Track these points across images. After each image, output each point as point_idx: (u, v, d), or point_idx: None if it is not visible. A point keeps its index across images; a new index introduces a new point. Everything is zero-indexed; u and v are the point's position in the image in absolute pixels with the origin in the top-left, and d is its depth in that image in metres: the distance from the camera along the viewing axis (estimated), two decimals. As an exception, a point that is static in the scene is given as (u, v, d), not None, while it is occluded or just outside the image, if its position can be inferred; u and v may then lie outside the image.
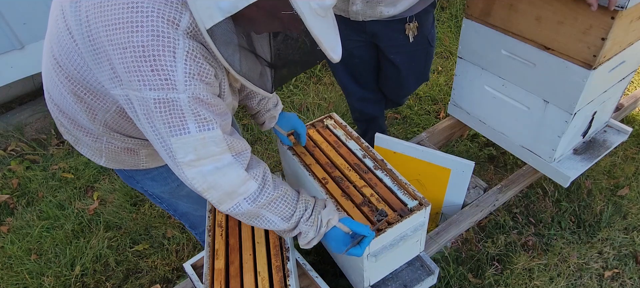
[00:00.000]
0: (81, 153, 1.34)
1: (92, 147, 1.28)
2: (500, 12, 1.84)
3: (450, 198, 2.09)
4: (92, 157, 1.32)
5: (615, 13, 1.47)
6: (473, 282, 2.09)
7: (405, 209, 1.43)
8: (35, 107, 3.37)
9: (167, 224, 2.51)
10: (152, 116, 0.96)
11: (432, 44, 2.09)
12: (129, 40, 0.89)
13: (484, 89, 2.12)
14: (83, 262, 2.33)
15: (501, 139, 2.21)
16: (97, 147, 1.27)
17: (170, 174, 1.44)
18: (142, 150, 1.31)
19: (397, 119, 3.14)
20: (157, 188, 1.49)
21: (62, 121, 1.25)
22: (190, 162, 1.02)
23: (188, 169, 1.03)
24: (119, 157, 1.30)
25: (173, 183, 1.48)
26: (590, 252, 2.17)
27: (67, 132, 1.29)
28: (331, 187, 1.55)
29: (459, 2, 4.17)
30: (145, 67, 0.90)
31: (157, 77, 0.91)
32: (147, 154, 1.33)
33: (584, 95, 1.73)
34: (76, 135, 1.27)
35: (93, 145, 1.27)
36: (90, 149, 1.29)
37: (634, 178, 2.50)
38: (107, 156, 1.30)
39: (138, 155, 1.32)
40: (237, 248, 1.40)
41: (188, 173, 1.04)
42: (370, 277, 1.54)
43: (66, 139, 1.33)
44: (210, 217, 1.50)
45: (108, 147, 1.27)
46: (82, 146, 1.30)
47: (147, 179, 1.45)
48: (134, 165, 1.35)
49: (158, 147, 1.03)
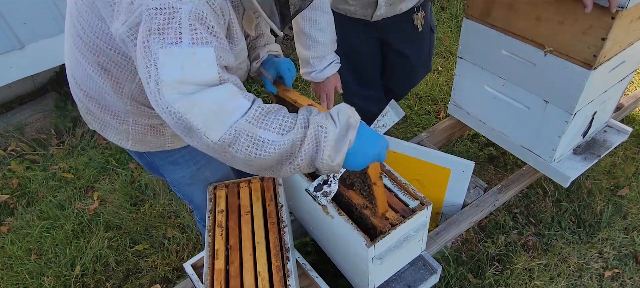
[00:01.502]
0: (108, 139, 1.36)
1: (119, 130, 1.32)
2: (500, 12, 1.84)
3: (451, 198, 2.09)
4: (119, 141, 1.34)
5: (615, 13, 1.47)
6: (473, 282, 2.09)
7: (407, 210, 1.43)
8: (35, 107, 3.37)
9: (167, 224, 2.51)
10: (148, 31, 0.91)
11: (434, 30, 2.20)
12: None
13: (484, 89, 2.12)
14: (83, 262, 2.33)
15: (501, 138, 2.21)
16: (123, 129, 1.32)
17: (193, 157, 1.48)
18: (167, 130, 1.35)
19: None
20: (178, 173, 1.51)
21: (88, 107, 1.29)
22: (173, 84, 0.91)
23: (169, 92, 0.91)
24: (145, 138, 1.34)
25: (194, 166, 1.51)
26: (591, 252, 2.17)
27: (94, 119, 1.33)
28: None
29: (459, 2, 4.17)
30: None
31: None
32: (172, 134, 1.37)
33: (584, 95, 1.73)
34: (103, 120, 1.31)
35: (120, 127, 1.31)
36: (117, 133, 1.34)
37: (634, 178, 2.50)
38: (133, 138, 1.34)
39: (163, 135, 1.36)
40: (237, 248, 1.40)
41: (169, 96, 0.91)
42: (375, 279, 1.54)
43: (93, 128, 1.38)
44: (210, 217, 1.50)
45: (134, 129, 1.31)
46: (109, 130, 1.34)
47: (169, 163, 1.47)
48: (160, 146, 1.39)
49: (144, 70, 0.94)
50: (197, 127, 0.93)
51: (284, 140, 0.96)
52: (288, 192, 1.78)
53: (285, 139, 0.96)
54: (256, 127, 0.95)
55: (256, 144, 0.95)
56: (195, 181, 1.59)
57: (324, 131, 0.97)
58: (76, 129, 3.22)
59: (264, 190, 1.58)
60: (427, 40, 2.16)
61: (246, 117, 0.95)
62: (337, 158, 0.98)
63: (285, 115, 0.99)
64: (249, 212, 1.50)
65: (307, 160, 0.98)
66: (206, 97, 0.93)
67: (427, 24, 2.07)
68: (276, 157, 0.97)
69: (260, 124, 0.96)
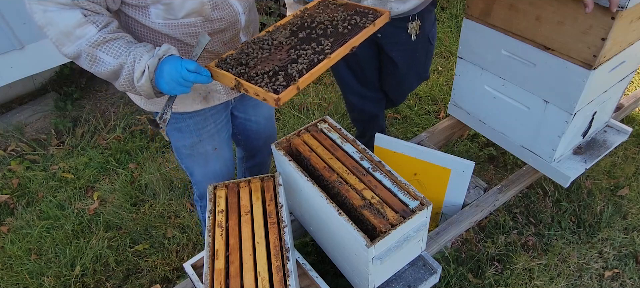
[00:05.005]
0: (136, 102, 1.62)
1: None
2: (500, 12, 1.84)
3: (450, 199, 2.09)
4: (136, 100, 1.60)
5: (615, 13, 1.47)
6: (473, 282, 2.09)
7: (407, 210, 1.43)
8: (35, 107, 3.38)
9: (167, 224, 2.51)
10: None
11: (433, 42, 2.12)
12: None
13: (484, 89, 2.12)
14: (83, 262, 2.33)
15: (501, 139, 2.21)
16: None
17: (196, 129, 1.65)
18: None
19: (397, 119, 3.14)
20: (180, 141, 1.69)
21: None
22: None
23: (33, 4, 1.16)
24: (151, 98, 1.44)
25: (196, 137, 1.67)
26: (590, 252, 2.17)
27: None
28: (331, 192, 1.54)
29: (459, 2, 4.17)
30: None
31: None
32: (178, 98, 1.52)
33: (584, 95, 1.73)
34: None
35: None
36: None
37: (634, 178, 2.50)
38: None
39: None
40: (237, 248, 1.40)
41: (33, 7, 1.16)
42: (375, 280, 1.54)
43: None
44: (210, 217, 1.50)
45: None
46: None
47: (175, 130, 1.65)
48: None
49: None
50: (52, 40, 1.22)
51: (114, 63, 1.24)
52: (288, 192, 1.78)
53: (115, 61, 1.24)
54: (97, 49, 1.23)
55: (95, 61, 1.25)
56: (194, 153, 1.72)
57: (139, 57, 1.24)
58: (76, 129, 3.22)
59: (264, 190, 1.58)
60: (421, 50, 2.10)
61: (90, 42, 1.22)
62: (142, 79, 1.26)
63: (122, 43, 1.25)
64: (249, 212, 1.50)
65: (129, 78, 1.27)
66: (59, 20, 1.18)
67: (423, 34, 2.02)
68: (109, 73, 1.26)
69: (101, 48, 1.23)
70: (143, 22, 1.37)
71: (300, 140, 1.73)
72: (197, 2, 1.34)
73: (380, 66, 2.20)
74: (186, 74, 1.26)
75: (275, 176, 1.59)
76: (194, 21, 1.39)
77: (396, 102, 2.50)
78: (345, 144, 1.70)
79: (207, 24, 1.41)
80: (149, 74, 1.25)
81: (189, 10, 1.35)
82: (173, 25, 1.38)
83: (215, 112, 1.68)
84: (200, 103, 1.60)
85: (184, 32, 1.40)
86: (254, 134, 1.98)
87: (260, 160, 2.13)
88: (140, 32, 1.41)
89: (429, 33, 2.05)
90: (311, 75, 1.32)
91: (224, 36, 1.49)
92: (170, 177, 2.78)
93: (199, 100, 1.59)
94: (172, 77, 1.26)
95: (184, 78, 1.26)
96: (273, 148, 1.72)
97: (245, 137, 1.98)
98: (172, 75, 1.26)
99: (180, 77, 1.25)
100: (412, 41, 1.99)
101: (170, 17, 1.36)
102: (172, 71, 1.25)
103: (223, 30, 1.47)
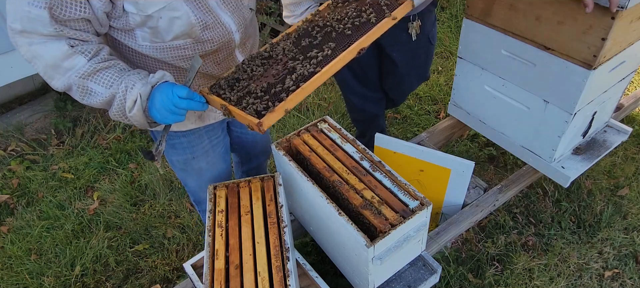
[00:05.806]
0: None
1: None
2: (500, 12, 1.84)
3: (450, 198, 2.09)
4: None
5: (615, 13, 1.47)
6: (473, 282, 2.09)
7: (407, 210, 1.43)
8: (35, 107, 3.38)
9: (167, 224, 2.51)
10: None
11: (433, 42, 2.13)
12: None
13: (484, 89, 2.12)
14: (83, 262, 2.33)
15: (501, 139, 2.21)
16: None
17: (190, 146, 1.62)
18: None
19: (397, 119, 3.14)
20: (174, 156, 1.67)
21: None
22: (19, 32, 1.10)
23: (17, 37, 1.12)
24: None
25: (189, 154, 1.64)
26: (590, 252, 2.17)
27: None
28: (331, 192, 1.54)
29: (459, 2, 4.17)
30: None
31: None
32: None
33: (584, 95, 1.73)
34: None
35: None
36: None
37: (634, 178, 2.50)
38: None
39: None
40: (237, 248, 1.40)
41: (17, 40, 1.12)
42: (375, 280, 1.54)
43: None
44: (210, 217, 1.50)
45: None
46: None
47: (169, 146, 1.63)
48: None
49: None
50: (40, 74, 1.17)
51: (106, 93, 1.19)
52: (288, 192, 1.78)
53: (107, 92, 1.19)
54: (87, 80, 1.18)
55: (87, 92, 1.20)
56: (187, 168, 1.70)
57: (131, 86, 1.19)
58: (76, 129, 3.22)
59: (264, 190, 1.58)
60: (422, 50, 2.10)
61: (80, 74, 1.17)
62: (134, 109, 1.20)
63: (114, 72, 1.20)
64: (249, 212, 1.50)
65: (120, 108, 1.22)
66: (45, 52, 1.13)
67: (424, 35, 2.02)
68: (102, 103, 1.21)
69: (92, 79, 1.18)
70: (130, 46, 1.30)
71: (301, 140, 1.73)
72: (185, 23, 1.25)
73: (381, 66, 2.20)
74: (178, 101, 1.19)
75: (275, 176, 1.59)
76: (183, 43, 1.30)
77: (396, 102, 2.50)
78: (345, 144, 1.70)
79: (198, 45, 1.33)
80: (141, 103, 1.18)
81: (178, 33, 1.26)
82: (161, 48, 1.30)
83: (210, 128, 1.64)
84: (195, 122, 1.56)
85: (174, 55, 1.32)
86: (250, 143, 1.98)
87: (257, 163, 2.14)
88: (129, 56, 1.34)
89: (430, 33, 2.06)
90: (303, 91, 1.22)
91: (217, 57, 1.42)
92: (170, 177, 2.78)
93: (194, 119, 1.55)
94: (163, 105, 1.19)
95: (176, 105, 1.19)
96: (273, 149, 1.73)
97: (241, 147, 1.99)
98: (163, 103, 1.18)
99: (171, 105, 1.18)
100: (413, 41, 1.99)
101: (157, 41, 1.28)
102: (163, 99, 1.18)
103: (216, 51, 1.40)
